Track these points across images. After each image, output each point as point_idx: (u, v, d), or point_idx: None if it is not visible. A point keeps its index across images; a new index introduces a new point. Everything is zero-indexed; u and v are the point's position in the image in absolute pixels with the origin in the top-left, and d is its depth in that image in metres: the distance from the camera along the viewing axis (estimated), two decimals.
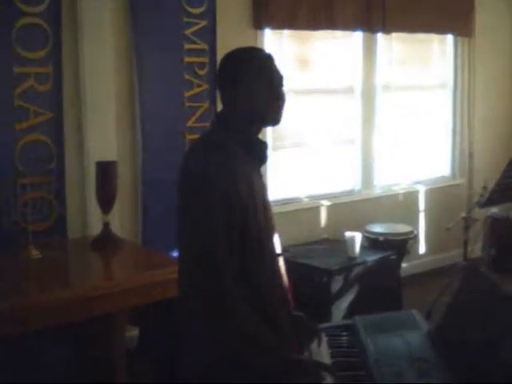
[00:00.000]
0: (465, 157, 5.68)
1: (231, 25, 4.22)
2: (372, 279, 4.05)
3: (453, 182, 5.62)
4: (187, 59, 4.02)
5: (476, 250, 4.70)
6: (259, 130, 1.91)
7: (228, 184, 1.70)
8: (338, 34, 4.86)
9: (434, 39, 5.51)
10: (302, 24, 4.53)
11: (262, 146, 1.90)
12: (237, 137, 1.83)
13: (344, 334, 2.15)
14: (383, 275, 4.15)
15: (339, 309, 3.86)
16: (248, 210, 1.73)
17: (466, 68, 5.63)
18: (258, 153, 1.89)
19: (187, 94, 4.02)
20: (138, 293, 2.76)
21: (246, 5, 4.31)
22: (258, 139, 1.91)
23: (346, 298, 3.92)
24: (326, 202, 4.77)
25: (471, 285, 1.99)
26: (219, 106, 1.96)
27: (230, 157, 1.76)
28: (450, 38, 5.59)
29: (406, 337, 1.96)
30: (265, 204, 1.87)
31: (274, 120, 1.87)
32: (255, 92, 1.80)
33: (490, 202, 3.52)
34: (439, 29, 5.40)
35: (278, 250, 1.96)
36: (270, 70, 1.84)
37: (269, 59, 1.87)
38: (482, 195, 4.46)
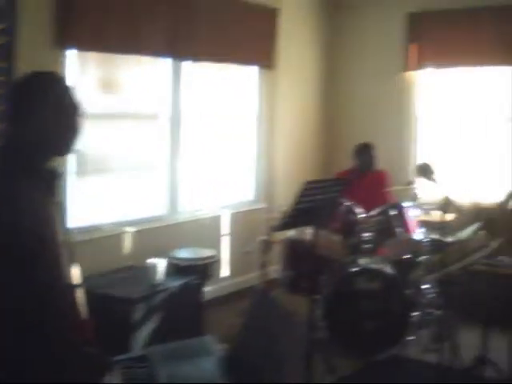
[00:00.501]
0: (267, 182, 5.98)
1: (33, 43, 4.00)
2: (174, 305, 4.07)
3: (255, 206, 5.87)
4: None
5: (273, 271, 4.94)
6: (48, 159, 1.85)
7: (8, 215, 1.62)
8: (146, 59, 4.86)
9: (241, 69, 5.75)
10: (108, 47, 4.43)
11: (51, 174, 1.84)
12: (23, 165, 1.76)
13: (139, 365, 2.12)
14: (185, 301, 4.19)
15: (140, 338, 3.80)
16: (35, 241, 1.66)
17: (268, 97, 5.95)
18: (47, 182, 1.83)
19: None
20: None
21: (50, 23, 4.11)
22: (47, 168, 1.85)
23: (148, 327, 3.87)
24: (131, 229, 4.70)
25: (260, 309, 2.08)
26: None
27: (13, 186, 1.68)
28: (255, 69, 5.87)
29: (199, 364, 2.00)
30: (56, 234, 1.81)
31: (64, 151, 1.86)
32: (48, 122, 1.78)
33: (284, 225, 3.71)
34: (245, 60, 5.65)
35: (76, 280, 1.90)
36: (65, 100, 1.82)
37: (65, 88, 1.84)
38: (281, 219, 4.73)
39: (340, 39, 6.59)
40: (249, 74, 5.89)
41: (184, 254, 4.58)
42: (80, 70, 4.39)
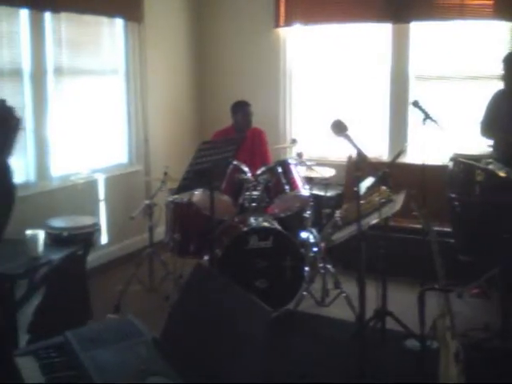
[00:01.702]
0: (141, 143, 5.69)
1: None
2: (59, 278, 3.75)
3: (130, 169, 5.59)
4: None
5: (158, 234, 4.75)
6: None
7: None
8: (2, 10, 4.33)
9: (104, 22, 5.34)
10: None
11: None
12: None
13: (56, 355, 1.88)
14: (69, 272, 3.89)
15: (26, 316, 3.48)
16: None
17: (137, 54, 5.61)
18: None
19: None
20: None
21: None
22: None
23: (32, 304, 3.55)
24: None
25: (197, 290, 1.91)
26: None
27: None
28: (120, 22, 5.48)
29: (131, 348, 1.81)
30: None
31: None
32: None
33: (182, 188, 3.54)
34: (109, 12, 5.25)
35: None
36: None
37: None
38: (163, 181, 4.53)
39: None
40: (115, 28, 5.49)
41: (62, 223, 4.21)
42: None
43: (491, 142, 4.49)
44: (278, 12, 6.06)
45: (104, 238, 5.19)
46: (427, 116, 3.71)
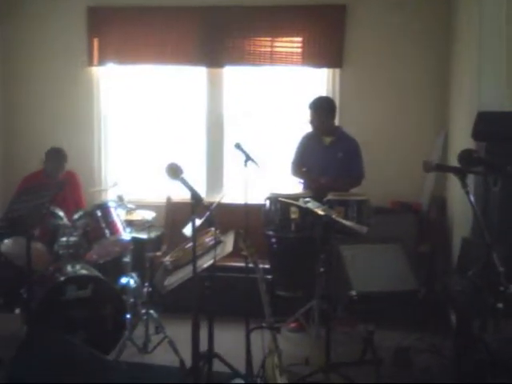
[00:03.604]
0: None
1: None
2: None
3: None
4: None
5: None
6: None
7: None
8: None
9: None
10: None
11: None
12: None
13: None
14: None
15: None
16: None
17: None
18: None
19: None
20: None
21: None
22: None
23: None
24: None
25: (37, 347, 1.72)
26: None
27: None
28: None
29: None
30: None
31: None
32: None
33: None
34: None
35: None
36: None
37: None
38: None
39: (20, 31, 5.99)
40: None
41: None
42: None
43: (301, 181, 4.79)
44: (92, 50, 5.91)
45: None
46: (248, 157, 3.83)
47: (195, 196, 3.01)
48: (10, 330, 4.28)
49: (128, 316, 4.17)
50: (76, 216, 4.25)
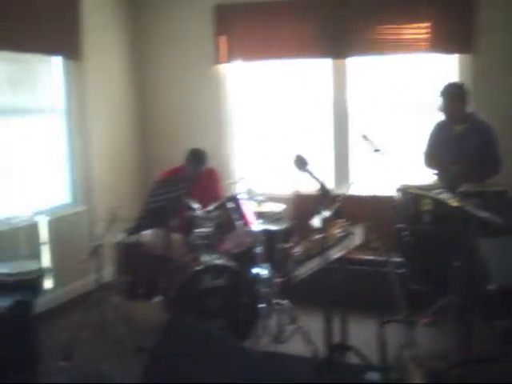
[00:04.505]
0: (84, 183, 5.54)
1: None
2: (6, 328, 3.56)
3: (74, 210, 5.42)
4: None
5: (104, 276, 4.59)
6: None
7: None
8: None
9: (41, 60, 5.21)
10: None
11: None
12: None
13: None
14: (17, 321, 3.69)
15: None
16: None
17: (77, 92, 5.50)
18: None
19: None
20: None
21: None
22: None
23: None
24: None
25: (174, 341, 1.83)
26: None
27: None
28: (59, 59, 5.37)
29: None
30: None
31: None
32: None
33: (139, 228, 3.45)
34: (46, 49, 5.13)
35: None
36: None
37: None
38: (110, 222, 4.39)
39: (149, 31, 6.33)
40: (54, 67, 5.37)
41: (5, 268, 4.02)
42: None
43: (435, 172, 4.64)
44: (219, 49, 6.09)
45: (48, 282, 4.97)
46: (376, 148, 3.78)
47: (323, 187, 3.03)
48: (150, 318, 4.56)
49: (261, 306, 4.27)
50: (210, 208, 4.42)
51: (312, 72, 5.94)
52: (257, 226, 4.42)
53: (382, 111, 5.73)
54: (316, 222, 3.41)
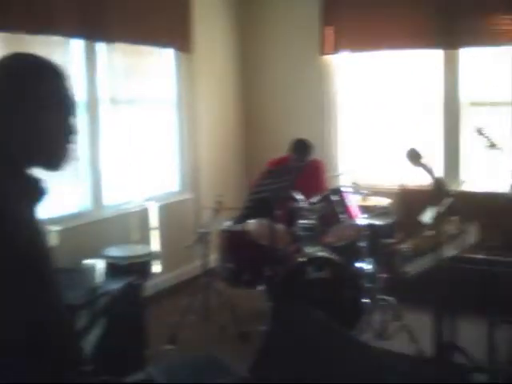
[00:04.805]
0: (191, 171, 5.69)
1: None
2: (118, 309, 3.73)
3: (182, 197, 5.59)
4: None
5: (209, 262, 4.70)
6: (32, 165, 1.52)
7: None
8: (59, 40, 4.40)
9: (155, 52, 5.40)
10: (15, 26, 3.97)
11: (38, 182, 1.51)
12: (11, 170, 1.44)
13: None
14: (127, 303, 3.87)
15: (86, 348, 3.44)
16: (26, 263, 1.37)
17: (187, 83, 5.65)
18: (35, 189, 1.52)
19: None
20: None
21: None
22: (31, 174, 1.52)
23: (93, 335, 3.51)
24: (55, 227, 4.25)
25: (290, 328, 1.85)
26: None
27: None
28: (171, 51, 5.53)
29: None
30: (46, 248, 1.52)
31: (59, 160, 1.50)
32: (38, 118, 1.42)
33: (245, 216, 3.51)
34: (160, 42, 5.31)
35: None
36: (60, 91, 1.48)
37: (59, 77, 1.49)
38: (216, 210, 4.50)
39: (255, 22, 6.39)
40: (166, 59, 5.54)
41: (118, 252, 4.22)
42: None
43: None
44: (325, 39, 6.04)
45: (157, 267, 5.17)
46: (491, 143, 3.62)
47: (438, 182, 2.94)
48: (253, 305, 4.63)
49: (365, 301, 4.22)
50: (314, 200, 4.41)
51: (422, 63, 5.76)
52: (361, 219, 4.36)
53: (496, 104, 5.46)
54: (426, 217, 3.31)
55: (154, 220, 5.15)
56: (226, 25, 6.21)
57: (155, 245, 5.10)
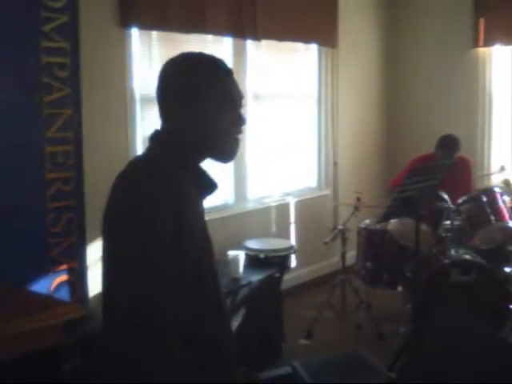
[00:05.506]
0: (330, 168, 5.67)
1: (95, 22, 3.77)
2: (257, 301, 3.81)
3: (319, 193, 5.58)
4: (45, 59, 3.45)
5: (347, 259, 4.65)
6: (203, 159, 1.60)
7: (179, 222, 1.37)
8: (209, 38, 4.58)
9: (300, 48, 5.43)
10: (171, 25, 4.19)
11: (208, 175, 1.59)
12: (185, 164, 1.50)
13: None
14: (266, 294, 3.94)
15: None
16: (203, 256, 1.43)
17: (329, 78, 5.62)
18: (207, 183, 1.60)
19: (46, 100, 3.44)
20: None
21: (112, 0, 3.87)
22: (207, 176, 1.62)
23: (234, 323, 3.62)
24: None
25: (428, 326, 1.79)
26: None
27: (182, 190, 1.42)
28: (315, 47, 5.54)
29: None
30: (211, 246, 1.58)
31: (232, 152, 1.59)
32: (213, 113, 1.51)
33: (388, 215, 3.44)
34: (305, 38, 5.33)
35: None
36: (231, 86, 1.56)
37: (230, 73, 1.57)
38: (356, 207, 4.44)
39: (401, 14, 6.22)
40: (309, 54, 5.55)
41: (258, 244, 4.31)
42: (143, 50, 4.16)
43: None
44: (478, 31, 5.74)
45: (294, 261, 5.22)
46: None
47: None
48: (392, 306, 4.53)
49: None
50: (460, 200, 4.22)
51: None
52: None
53: None
54: None
55: (291, 215, 5.20)
56: (372, 18, 6.10)
57: (293, 239, 5.16)
